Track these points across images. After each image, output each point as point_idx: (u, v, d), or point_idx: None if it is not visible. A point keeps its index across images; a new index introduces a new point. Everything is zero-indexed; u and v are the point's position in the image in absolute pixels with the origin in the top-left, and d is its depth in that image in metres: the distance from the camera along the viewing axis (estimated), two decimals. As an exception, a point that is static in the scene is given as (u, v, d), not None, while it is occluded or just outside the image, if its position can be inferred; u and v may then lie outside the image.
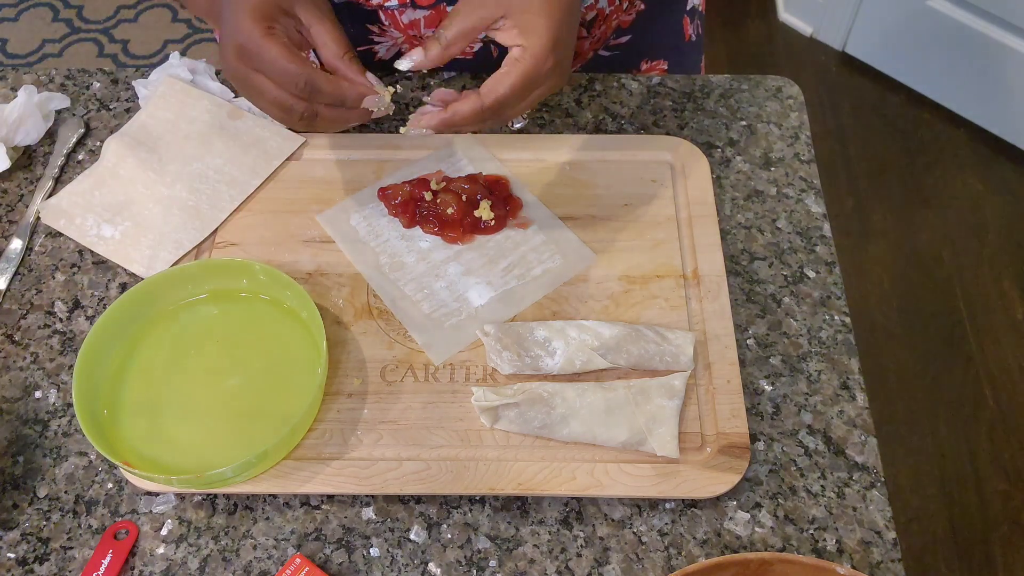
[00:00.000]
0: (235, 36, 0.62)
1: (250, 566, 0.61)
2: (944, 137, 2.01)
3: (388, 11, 0.78)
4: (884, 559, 0.61)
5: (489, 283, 0.72)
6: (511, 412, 0.64)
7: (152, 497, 0.63)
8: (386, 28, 0.81)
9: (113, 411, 0.64)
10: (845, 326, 0.71)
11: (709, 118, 0.83)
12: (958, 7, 1.88)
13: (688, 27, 0.94)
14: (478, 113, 0.62)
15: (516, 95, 0.62)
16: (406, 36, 0.82)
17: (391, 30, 0.81)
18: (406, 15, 0.79)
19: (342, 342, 0.69)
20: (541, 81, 0.62)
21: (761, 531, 0.62)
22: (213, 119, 0.80)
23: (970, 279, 1.79)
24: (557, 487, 0.62)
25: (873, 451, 0.65)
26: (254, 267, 0.69)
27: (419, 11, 0.78)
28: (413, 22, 0.80)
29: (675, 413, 0.63)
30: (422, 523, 0.62)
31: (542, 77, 0.62)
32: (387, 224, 0.75)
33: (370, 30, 0.81)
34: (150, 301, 0.69)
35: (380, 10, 0.78)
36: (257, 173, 0.78)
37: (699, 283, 0.71)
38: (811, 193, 0.78)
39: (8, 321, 0.72)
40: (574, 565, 0.60)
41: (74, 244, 0.76)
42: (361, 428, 0.65)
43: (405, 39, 0.82)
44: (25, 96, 0.81)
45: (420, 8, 0.77)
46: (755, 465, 0.64)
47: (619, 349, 0.66)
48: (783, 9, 2.25)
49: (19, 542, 0.62)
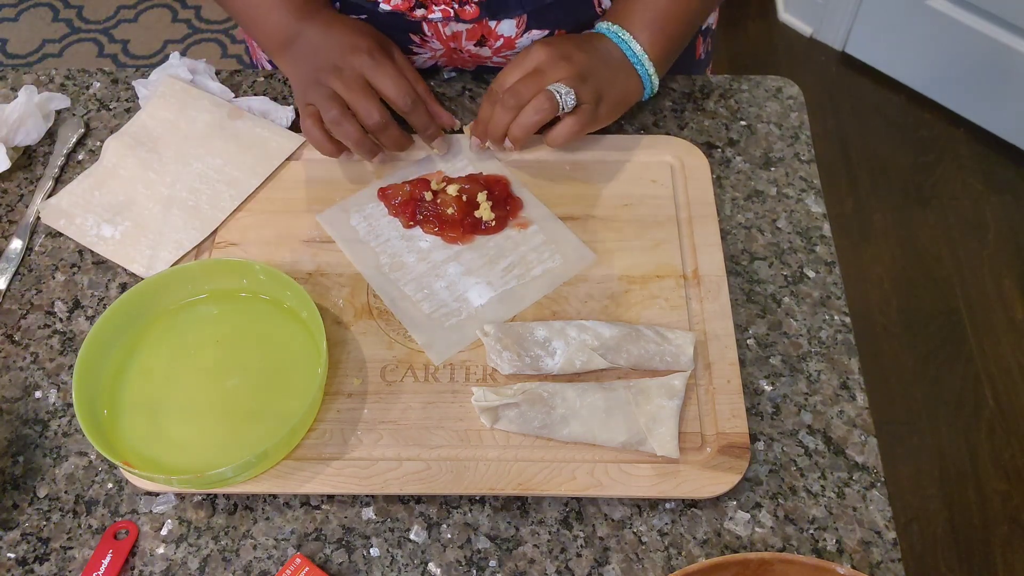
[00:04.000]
0: (367, 38, 0.74)
1: (250, 566, 0.61)
2: (944, 137, 2.01)
3: (431, 23, 0.80)
4: (884, 559, 0.61)
5: (489, 283, 0.72)
6: (511, 412, 0.64)
7: (152, 497, 0.63)
8: (428, 39, 0.83)
9: (113, 411, 0.64)
10: (845, 326, 0.71)
11: (709, 118, 0.83)
12: (958, 7, 1.88)
13: (700, 46, 0.95)
14: (489, 98, 0.73)
15: (507, 70, 0.72)
16: (447, 48, 0.84)
17: (432, 41, 0.83)
18: (449, 27, 0.81)
19: (342, 342, 0.69)
20: (533, 57, 0.72)
21: (761, 531, 0.62)
22: (213, 119, 0.80)
23: (970, 279, 1.79)
24: (557, 487, 0.62)
25: (873, 451, 0.65)
26: (254, 267, 0.69)
27: (461, 24, 0.80)
28: (455, 34, 0.82)
29: (675, 413, 0.63)
30: (422, 523, 0.62)
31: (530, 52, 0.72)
32: (387, 224, 0.75)
33: (411, 39, 0.83)
34: (150, 301, 0.69)
35: (424, 22, 0.80)
36: (257, 173, 0.78)
37: (699, 283, 0.71)
38: (811, 193, 0.78)
39: (8, 321, 0.72)
40: (574, 565, 0.60)
41: (74, 244, 0.76)
42: (361, 428, 0.65)
43: (445, 51, 0.85)
44: (25, 96, 0.81)
45: (463, 22, 0.79)
46: (755, 465, 0.64)
47: (619, 349, 0.66)
48: (783, 9, 2.25)
49: (19, 542, 0.62)
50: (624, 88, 0.75)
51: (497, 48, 0.83)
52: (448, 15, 0.78)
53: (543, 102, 0.70)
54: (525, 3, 0.79)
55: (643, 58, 0.75)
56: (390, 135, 0.73)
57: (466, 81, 0.86)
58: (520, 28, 0.81)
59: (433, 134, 0.76)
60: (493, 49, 0.83)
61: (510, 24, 0.80)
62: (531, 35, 0.82)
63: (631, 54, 0.75)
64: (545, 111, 0.70)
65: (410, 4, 0.78)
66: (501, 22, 0.80)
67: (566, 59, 0.72)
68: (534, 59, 0.73)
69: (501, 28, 0.80)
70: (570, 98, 0.71)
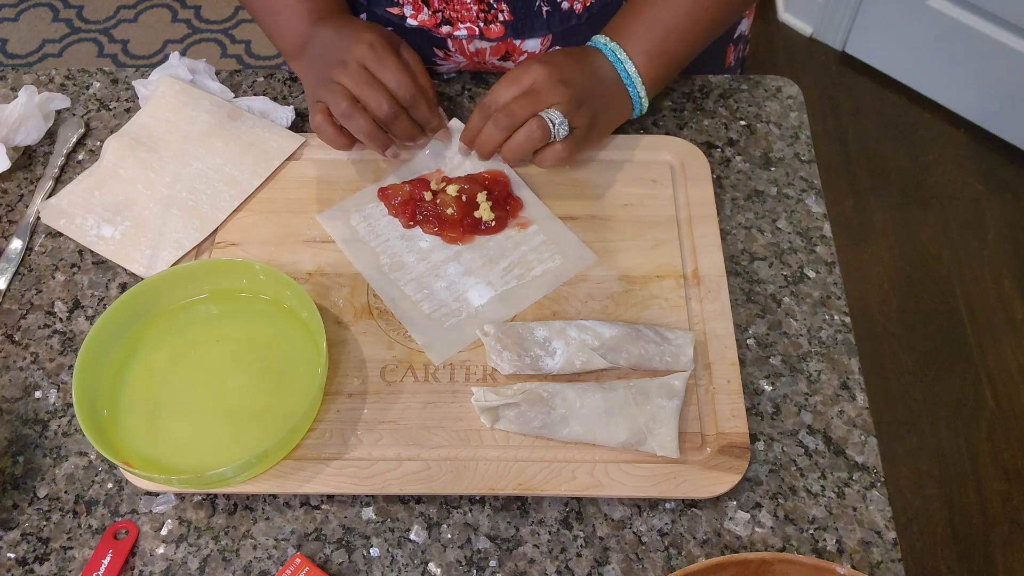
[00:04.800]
0: (371, 32, 0.73)
1: (250, 566, 0.61)
2: (944, 137, 2.01)
3: (456, 39, 0.81)
4: (884, 559, 0.61)
5: (489, 283, 0.72)
6: (511, 412, 0.64)
7: (152, 497, 0.63)
8: (451, 53, 0.84)
9: (113, 411, 0.64)
10: (845, 326, 0.71)
11: (709, 118, 0.83)
12: (958, 7, 1.88)
13: (731, 54, 0.93)
14: (482, 111, 0.71)
15: (503, 84, 0.71)
16: (470, 62, 0.85)
17: (456, 55, 0.84)
18: (473, 44, 0.82)
19: (342, 342, 0.69)
20: (530, 75, 0.70)
21: (761, 531, 0.62)
22: (213, 119, 0.80)
23: (970, 279, 1.79)
24: (557, 487, 0.62)
25: (873, 451, 0.65)
26: (254, 267, 0.69)
27: (486, 42, 0.80)
28: (479, 51, 0.83)
29: (675, 413, 0.63)
30: (422, 523, 0.62)
31: (528, 69, 0.71)
32: (387, 224, 0.75)
33: (435, 53, 0.84)
34: (150, 301, 0.69)
35: (449, 38, 0.81)
36: (257, 173, 0.78)
37: (699, 283, 0.71)
38: (811, 193, 0.78)
39: (8, 321, 0.72)
40: (574, 565, 0.60)
41: (74, 244, 0.76)
42: (361, 428, 0.65)
43: (469, 64, 0.85)
44: (25, 96, 0.81)
45: (487, 40, 0.79)
46: (755, 465, 0.64)
47: (619, 349, 0.66)
48: (783, 9, 2.25)
49: (19, 542, 0.62)
50: (617, 110, 0.75)
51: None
52: (474, 33, 0.79)
53: (535, 130, 0.69)
54: (551, 24, 0.79)
55: (636, 80, 0.73)
56: (401, 124, 0.72)
57: (466, 81, 0.86)
58: (545, 45, 0.81)
59: (436, 127, 0.76)
60: (517, 64, 0.83)
61: (535, 42, 0.81)
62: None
63: (625, 75, 0.73)
64: (536, 140, 0.70)
65: (436, 21, 0.79)
66: (526, 40, 0.80)
67: (563, 83, 0.70)
68: (531, 77, 0.71)
69: (526, 45, 0.81)
70: (563, 128, 0.70)
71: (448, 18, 0.79)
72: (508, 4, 0.77)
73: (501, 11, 0.78)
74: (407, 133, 0.74)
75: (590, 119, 0.72)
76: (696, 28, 0.74)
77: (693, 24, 0.73)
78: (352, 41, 0.72)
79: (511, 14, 0.78)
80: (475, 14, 0.78)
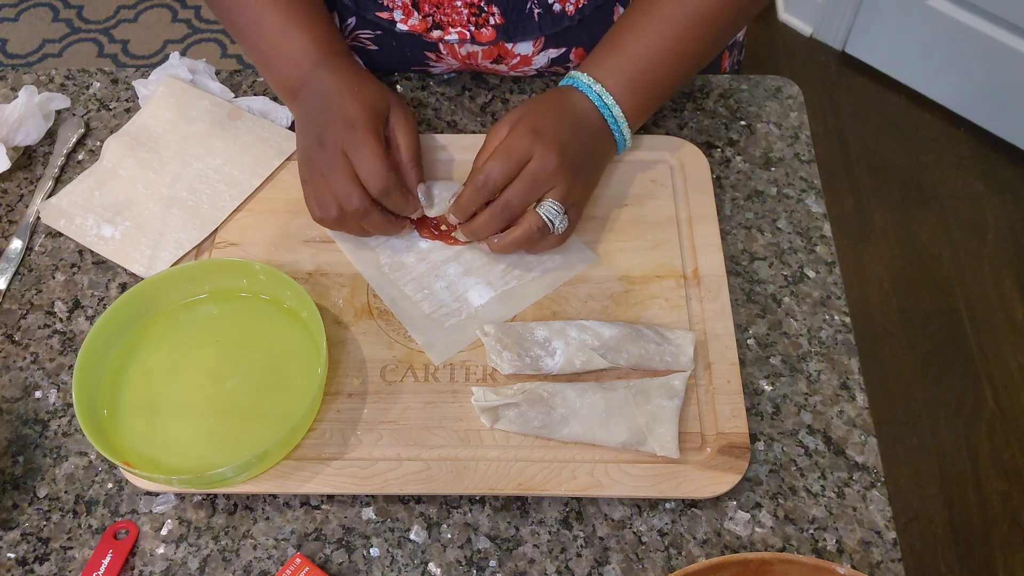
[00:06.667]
0: (347, 112, 0.67)
1: (250, 566, 0.61)
2: (944, 137, 2.01)
3: (448, 44, 0.81)
4: (884, 559, 0.61)
5: (489, 283, 0.72)
6: (511, 412, 0.64)
7: (152, 497, 0.63)
8: (443, 56, 0.83)
9: (113, 411, 0.64)
10: (845, 326, 0.71)
11: (709, 118, 0.83)
12: (958, 7, 1.88)
13: (726, 60, 0.92)
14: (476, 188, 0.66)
15: (497, 158, 0.66)
16: (463, 64, 0.85)
17: (448, 58, 0.84)
18: (464, 48, 0.81)
19: (342, 342, 0.69)
20: (524, 149, 0.66)
21: (761, 531, 0.62)
22: (213, 119, 0.80)
23: (970, 279, 1.79)
24: (557, 487, 0.62)
25: (873, 451, 0.65)
26: (254, 267, 0.69)
27: (477, 45, 0.80)
28: (471, 54, 0.82)
29: (675, 413, 0.63)
30: (422, 523, 0.62)
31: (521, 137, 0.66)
32: (387, 224, 0.75)
33: (428, 56, 0.83)
34: (150, 301, 0.69)
35: (440, 43, 0.81)
36: (257, 173, 0.78)
37: (699, 283, 0.71)
38: (811, 193, 0.78)
39: (8, 321, 0.72)
40: (574, 565, 0.60)
41: (74, 244, 0.76)
42: (361, 428, 0.65)
43: (461, 66, 0.85)
44: (25, 96, 0.81)
45: (479, 44, 0.79)
46: (755, 465, 0.64)
47: (619, 349, 0.66)
48: (783, 9, 2.25)
49: (19, 542, 0.62)
50: (603, 159, 0.72)
51: (514, 64, 0.83)
52: (464, 37, 0.79)
53: (534, 232, 0.67)
54: (543, 27, 0.79)
55: (623, 125, 0.71)
56: (371, 220, 0.68)
57: (466, 81, 0.86)
58: (537, 47, 0.81)
59: (412, 211, 0.70)
60: (510, 66, 0.83)
61: (527, 44, 0.81)
62: (548, 53, 0.82)
63: (611, 119, 0.70)
64: (534, 241, 0.68)
65: (427, 25, 0.79)
66: (518, 44, 0.80)
67: (559, 155, 0.66)
68: (524, 148, 0.66)
69: (518, 48, 0.81)
70: (562, 225, 0.67)
71: (439, 22, 0.78)
72: (499, 7, 0.77)
73: (492, 15, 0.77)
74: (378, 227, 0.69)
75: (584, 188, 0.70)
76: (679, 61, 0.71)
77: (675, 58, 0.71)
78: (333, 119, 0.68)
79: (502, 17, 0.78)
80: (466, 18, 0.78)
